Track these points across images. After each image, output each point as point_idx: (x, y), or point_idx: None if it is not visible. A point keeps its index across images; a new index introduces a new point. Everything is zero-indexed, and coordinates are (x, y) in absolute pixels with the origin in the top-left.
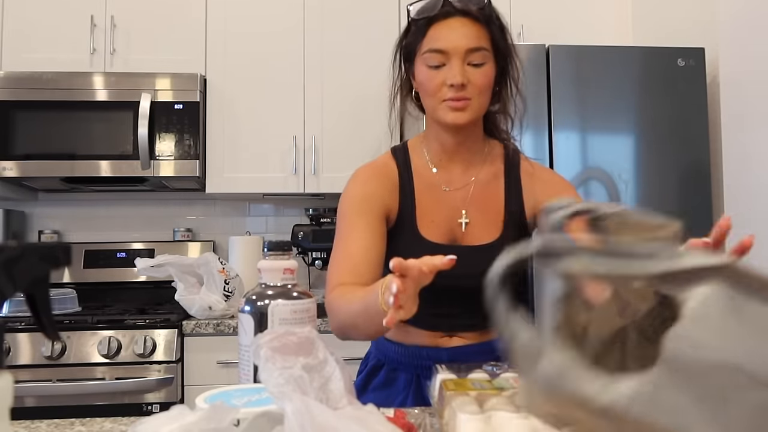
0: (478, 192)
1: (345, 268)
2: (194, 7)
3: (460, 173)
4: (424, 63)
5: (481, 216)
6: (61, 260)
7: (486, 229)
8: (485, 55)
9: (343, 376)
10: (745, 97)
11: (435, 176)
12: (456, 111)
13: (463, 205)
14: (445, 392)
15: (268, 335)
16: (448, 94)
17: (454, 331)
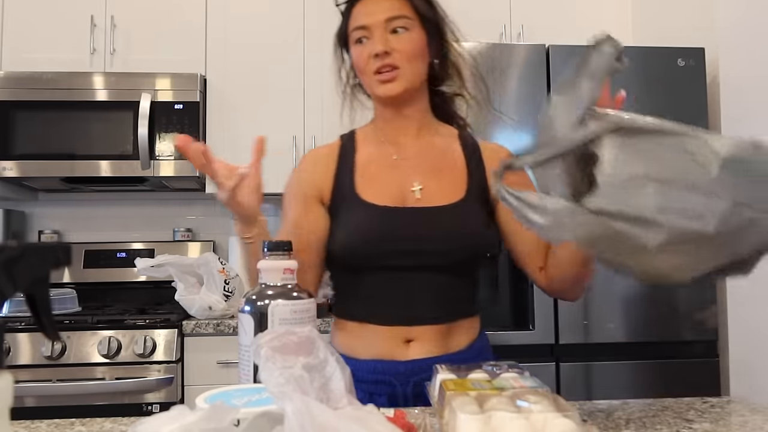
0: (434, 156)
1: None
2: (194, 7)
3: (411, 142)
4: (352, 43)
5: (440, 179)
6: (61, 260)
7: (447, 190)
8: (407, 21)
9: (344, 376)
10: (745, 98)
11: (383, 146)
12: (386, 83)
13: (416, 171)
14: (445, 392)
15: (269, 335)
16: (375, 65)
17: (414, 328)
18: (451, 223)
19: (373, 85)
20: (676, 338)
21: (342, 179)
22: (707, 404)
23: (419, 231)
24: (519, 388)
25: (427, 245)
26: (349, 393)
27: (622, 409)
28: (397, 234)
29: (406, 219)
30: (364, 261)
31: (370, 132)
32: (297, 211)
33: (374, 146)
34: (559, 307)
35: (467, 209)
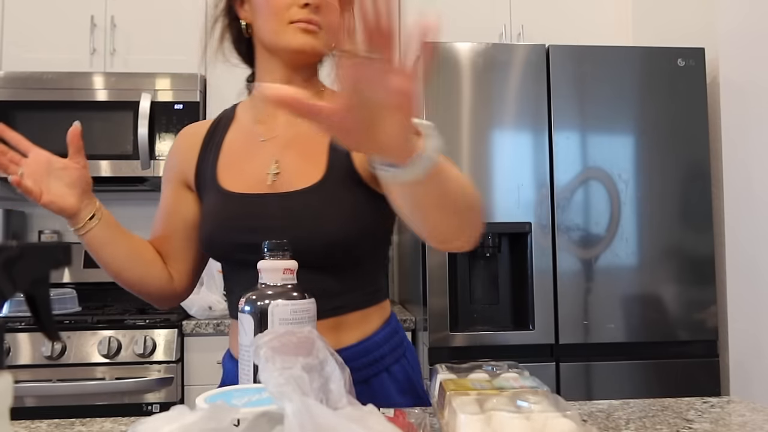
0: (299, 138)
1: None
2: (194, 7)
3: (284, 122)
4: None
5: (301, 161)
6: (61, 260)
7: (305, 173)
8: None
9: (343, 377)
10: (745, 98)
11: (255, 128)
12: (307, 35)
13: (277, 154)
14: (445, 392)
15: (268, 335)
16: (299, 15)
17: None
18: (300, 211)
19: (287, 34)
20: (676, 338)
21: (205, 164)
22: (707, 404)
23: (267, 221)
24: (519, 388)
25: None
26: (349, 393)
27: (622, 409)
28: (245, 224)
29: (254, 207)
30: (223, 254)
31: (249, 107)
32: (166, 199)
33: (247, 125)
34: (559, 307)
35: (327, 193)
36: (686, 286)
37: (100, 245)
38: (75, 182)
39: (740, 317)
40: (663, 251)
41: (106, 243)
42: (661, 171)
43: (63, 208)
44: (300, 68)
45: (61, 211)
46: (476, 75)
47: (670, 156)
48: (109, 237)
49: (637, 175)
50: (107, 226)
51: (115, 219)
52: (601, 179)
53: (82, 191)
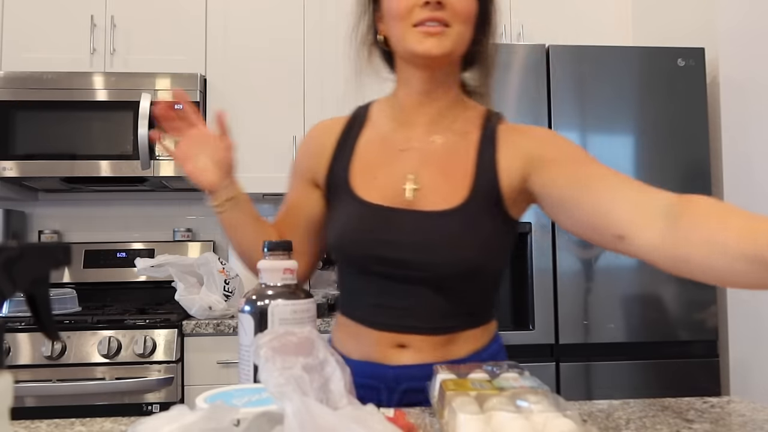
0: (441, 153)
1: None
2: (194, 7)
3: (423, 131)
4: None
5: (442, 179)
6: (61, 260)
7: (445, 193)
8: None
9: (344, 377)
10: (745, 97)
11: (392, 134)
12: (431, 38)
13: (415, 168)
14: (445, 392)
15: (268, 335)
16: (421, 15)
17: (408, 336)
18: (439, 234)
19: (411, 39)
20: (676, 338)
21: (337, 165)
22: (707, 404)
23: (403, 237)
24: (519, 388)
25: (410, 255)
26: (349, 393)
27: (622, 409)
28: (381, 238)
29: (391, 222)
30: (351, 262)
31: (385, 108)
32: (294, 193)
33: (383, 128)
34: (559, 307)
35: (467, 218)
36: (686, 286)
37: (231, 226)
38: (220, 161)
39: (740, 317)
40: None
41: (237, 225)
42: (661, 171)
43: (201, 182)
44: (435, 74)
45: (200, 184)
46: None
47: (670, 156)
48: (240, 221)
49: (637, 174)
50: (241, 211)
51: (252, 207)
52: None
53: (225, 172)
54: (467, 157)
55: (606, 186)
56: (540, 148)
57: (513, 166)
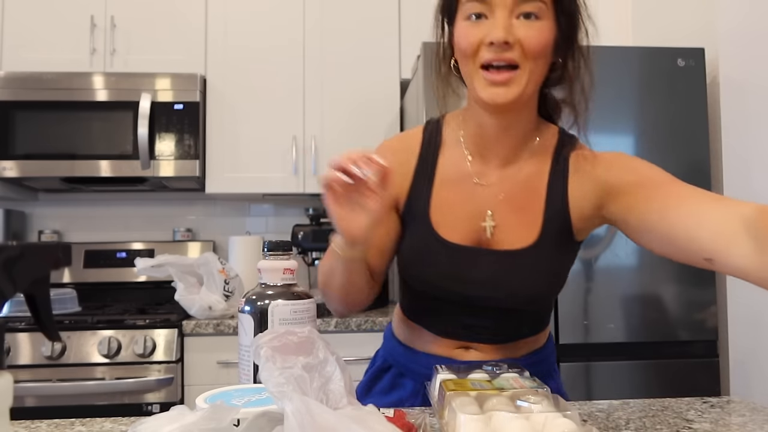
0: (515, 191)
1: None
2: (194, 7)
3: (498, 165)
4: (462, 16)
5: (516, 217)
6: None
7: (519, 232)
8: (540, 7)
9: (344, 377)
10: (745, 98)
11: (467, 164)
12: (496, 86)
13: (492, 205)
14: (445, 392)
15: (269, 335)
16: (487, 56)
17: (473, 343)
18: (514, 275)
19: (478, 83)
20: (676, 338)
21: (417, 193)
22: (707, 404)
23: (478, 277)
24: (519, 388)
25: (484, 293)
26: (349, 393)
27: (622, 409)
28: (457, 276)
29: (469, 261)
30: (425, 291)
31: (458, 133)
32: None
33: (458, 157)
34: (559, 307)
35: (540, 255)
36: (686, 286)
37: (350, 270)
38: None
39: (740, 317)
40: None
41: (356, 269)
42: None
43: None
44: (506, 116)
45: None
46: None
47: (670, 156)
48: (361, 264)
49: None
50: (362, 259)
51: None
52: None
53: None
54: (539, 191)
55: (685, 208)
56: (613, 177)
57: (585, 198)
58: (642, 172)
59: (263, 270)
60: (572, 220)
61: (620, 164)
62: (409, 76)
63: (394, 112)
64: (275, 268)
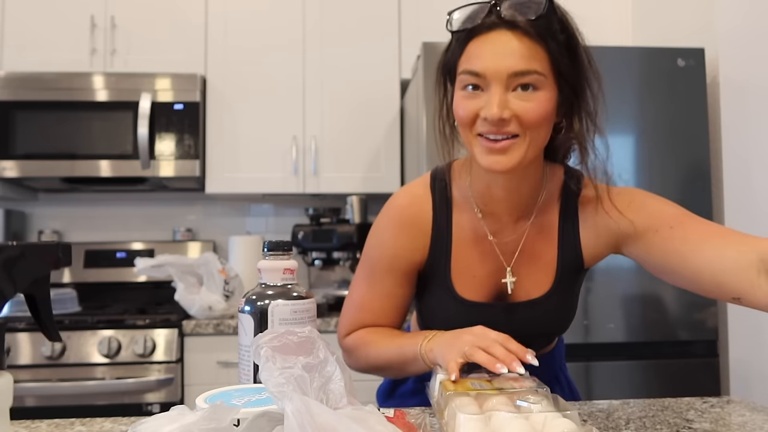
0: (529, 243)
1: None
2: (194, 7)
3: (510, 221)
4: (459, 87)
5: (531, 269)
6: (61, 260)
7: (536, 282)
8: (539, 79)
9: (344, 377)
10: (745, 97)
11: (480, 223)
12: (495, 154)
13: (509, 261)
14: (444, 392)
15: (269, 335)
16: (483, 128)
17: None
18: (539, 317)
19: (476, 149)
20: (676, 338)
21: (437, 255)
22: (707, 404)
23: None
24: (519, 388)
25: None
26: (349, 393)
27: (622, 409)
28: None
29: (495, 316)
30: None
31: (464, 185)
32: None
33: (471, 217)
34: None
35: (555, 298)
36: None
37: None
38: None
39: (740, 317)
40: None
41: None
42: (661, 171)
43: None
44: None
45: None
46: None
47: (670, 156)
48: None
49: (637, 175)
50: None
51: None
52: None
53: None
54: (551, 239)
55: (707, 253)
56: (626, 224)
57: (599, 244)
58: (655, 214)
59: (263, 270)
60: (585, 260)
61: (633, 209)
62: (409, 76)
63: (394, 112)
64: (275, 268)
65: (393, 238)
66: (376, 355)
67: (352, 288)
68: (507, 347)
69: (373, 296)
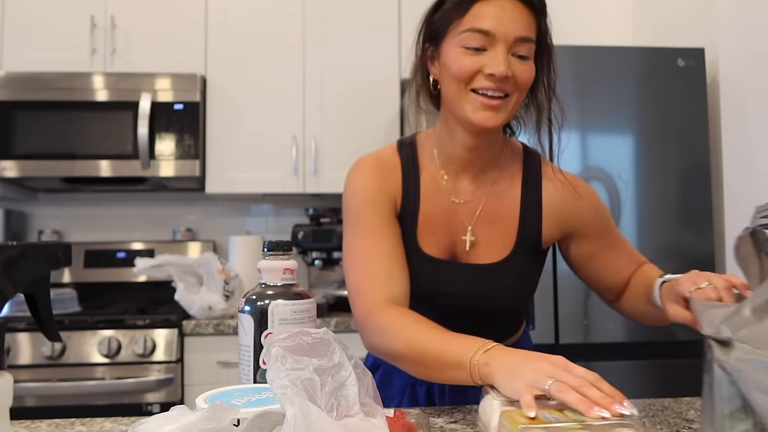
0: (489, 206)
1: (380, 278)
2: (194, 7)
3: (471, 183)
4: (459, 44)
5: (491, 232)
6: (61, 260)
7: (494, 246)
8: (531, 48)
9: (361, 383)
10: (745, 97)
11: (444, 184)
12: (488, 110)
13: (470, 221)
14: (510, 425)
15: (283, 334)
16: (484, 84)
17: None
18: (494, 283)
19: (467, 105)
20: (675, 338)
21: (407, 210)
22: None
23: (462, 287)
24: (603, 420)
25: (465, 302)
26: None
27: None
28: (441, 289)
29: (451, 275)
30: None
31: (430, 151)
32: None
33: (436, 178)
34: (559, 307)
35: (513, 267)
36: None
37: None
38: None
39: None
40: (663, 251)
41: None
42: (661, 171)
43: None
44: (483, 137)
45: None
46: None
47: (670, 156)
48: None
49: (637, 175)
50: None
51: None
52: (600, 179)
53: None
54: (512, 208)
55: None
56: (582, 222)
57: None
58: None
59: (263, 270)
60: (543, 237)
61: (590, 211)
62: (409, 76)
63: (394, 112)
64: (275, 268)
65: (370, 177)
66: (412, 341)
67: (347, 253)
68: (599, 387)
69: (370, 242)
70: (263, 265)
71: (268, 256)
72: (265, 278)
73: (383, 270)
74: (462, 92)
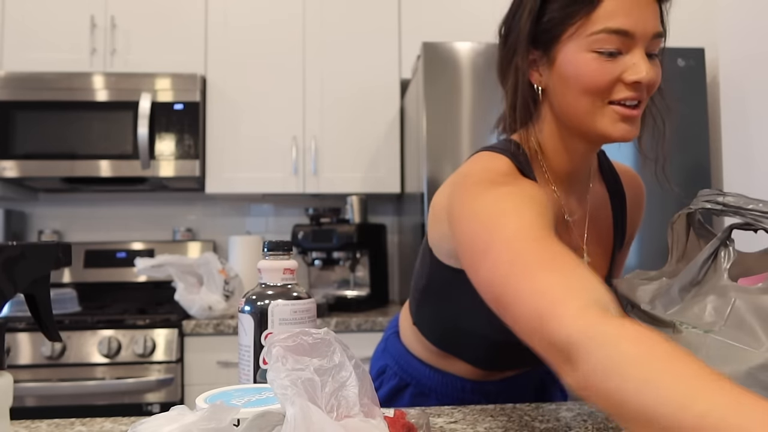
0: (592, 222)
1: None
2: (194, 7)
3: (577, 199)
4: (588, 48)
5: (596, 249)
6: (61, 260)
7: (598, 267)
8: (660, 44)
9: (361, 384)
10: (745, 98)
11: (559, 202)
12: (627, 122)
13: (582, 240)
14: None
15: (284, 334)
16: (625, 94)
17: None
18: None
19: (604, 119)
20: None
21: None
22: None
23: None
24: None
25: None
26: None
27: None
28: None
29: None
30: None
31: (539, 165)
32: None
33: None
34: None
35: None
36: None
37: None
38: None
39: None
40: (663, 251)
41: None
42: (661, 171)
43: None
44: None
45: None
46: (476, 75)
47: (670, 156)
48: None
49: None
50: None
51: None
52: None
53: None
54: (607, 219)
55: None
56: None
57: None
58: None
59: (263, 270)
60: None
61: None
62: (409, 76)
63: (394, 112)
64: (275, 268)
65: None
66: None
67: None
68: None
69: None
70: (263, 265)
71: (268, 256)
72: (265, 278)
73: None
74: (598, 106)
